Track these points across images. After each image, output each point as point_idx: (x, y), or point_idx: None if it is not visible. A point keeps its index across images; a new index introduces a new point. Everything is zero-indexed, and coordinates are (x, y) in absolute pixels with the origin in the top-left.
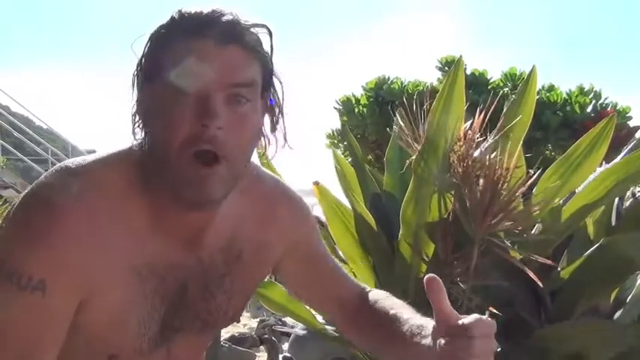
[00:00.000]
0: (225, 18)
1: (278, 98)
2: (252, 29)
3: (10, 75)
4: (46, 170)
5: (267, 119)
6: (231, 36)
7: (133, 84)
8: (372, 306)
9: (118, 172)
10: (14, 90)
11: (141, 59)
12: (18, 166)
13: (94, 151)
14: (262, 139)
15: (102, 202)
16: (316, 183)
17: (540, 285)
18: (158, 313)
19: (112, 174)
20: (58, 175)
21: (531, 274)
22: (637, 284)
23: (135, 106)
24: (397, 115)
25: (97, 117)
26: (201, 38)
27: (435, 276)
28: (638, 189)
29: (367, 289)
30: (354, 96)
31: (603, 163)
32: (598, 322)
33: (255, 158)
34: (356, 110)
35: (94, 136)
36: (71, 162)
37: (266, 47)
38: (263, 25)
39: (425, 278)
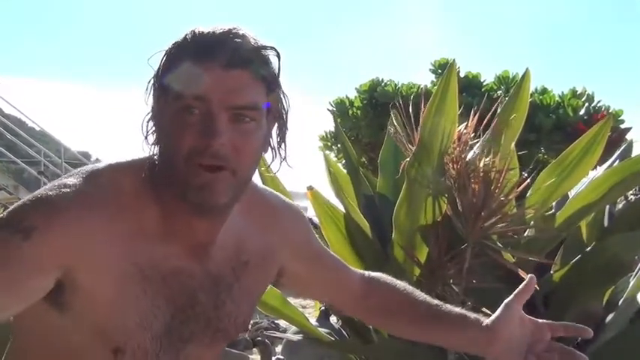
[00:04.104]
0: (235, 41)
1: (282, 116)
2: (261, 51)
3: (2, 78)
4: (39, 172)
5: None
6: (237, 60)
7: (148, 95)
8: (386, 289)
9: (129, 177)
10: (6, 92)
11: (157, 72)
12: (10, 168)
13: (86, 153)
14: (270, 151)
15: (115, 200)
16: (310, 188)
17: (535, 287)
18: (162, 314)
19: (122, 178)
20: (75, 176)
21: (525, 276)
22: (629, 287)
23: (148, 116)
24: (392, 117)
25: (89, 119)
26: (210, 60)
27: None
28: (630, 192)
29: (366, 273)
30: (347, 98)
31: (597, 166)
32: None
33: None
34: (350, 112)
35: (86, 138)
36: (86, 167)
37: (275, 67)
38: (272, 48)
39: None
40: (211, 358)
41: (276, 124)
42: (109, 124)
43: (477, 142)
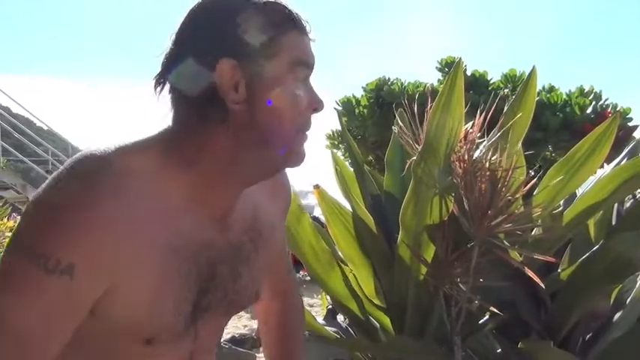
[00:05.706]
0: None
1: None
2: None
3: (11, 77)
4: (47, 171)
5: None
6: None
7: (234, 52)
8: (287, 310)
9: (146, 155)
10: (15, 92)
11: (262, 33)
12: (18, 167)
13: None
14: None
15: (133, 183)
16: (317, 186)
17: (542, 286)
18: (191, 294)
19: (139, 157)
20: (85, 162)
21: (532, 275)
22: (637, 285)
23: (233, 76)
24: (397, 116)
25: (97, 118)
26: (306, 34)
27: None
28: (637, 190)
29: (289, 291)
30: (354, 97)
31: (604, 164)
32: None
33: None
34: (356, 111)
35: (95, 136)
36: (94, 150)
37: None
38: None
39: None
40: (221, 326)
41: None
42: (116, 122)
43: (484, 140)
